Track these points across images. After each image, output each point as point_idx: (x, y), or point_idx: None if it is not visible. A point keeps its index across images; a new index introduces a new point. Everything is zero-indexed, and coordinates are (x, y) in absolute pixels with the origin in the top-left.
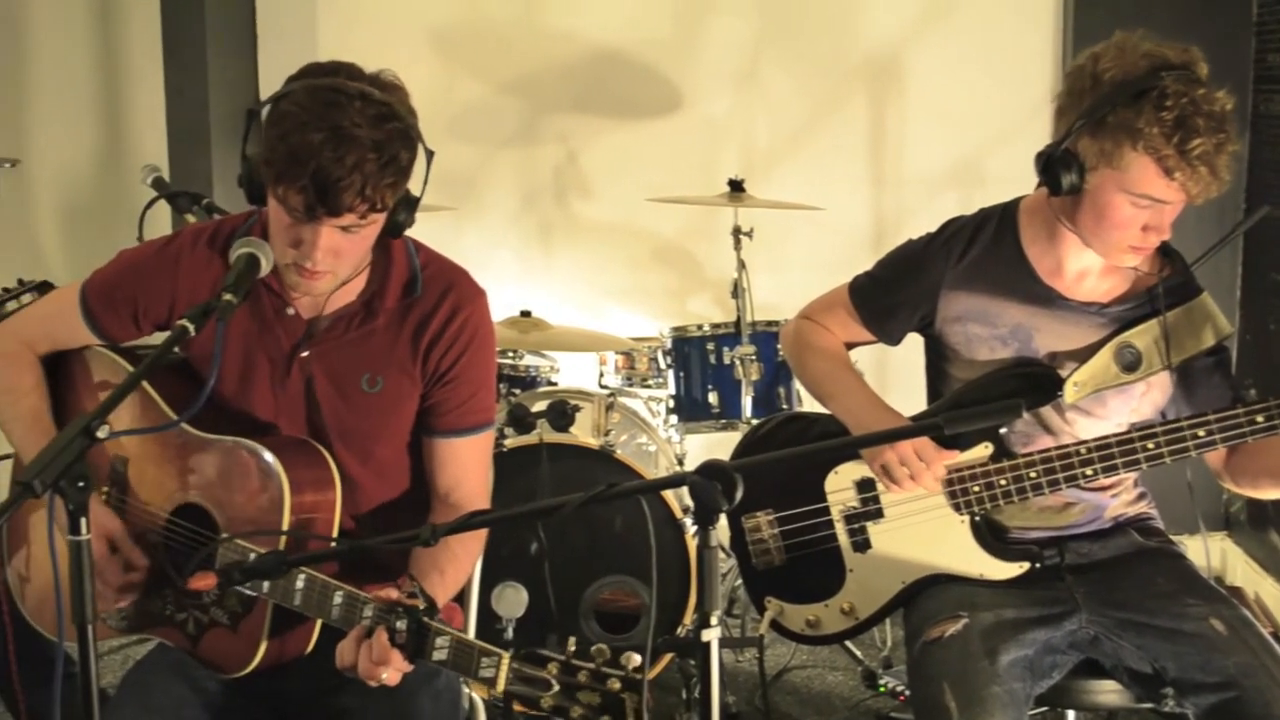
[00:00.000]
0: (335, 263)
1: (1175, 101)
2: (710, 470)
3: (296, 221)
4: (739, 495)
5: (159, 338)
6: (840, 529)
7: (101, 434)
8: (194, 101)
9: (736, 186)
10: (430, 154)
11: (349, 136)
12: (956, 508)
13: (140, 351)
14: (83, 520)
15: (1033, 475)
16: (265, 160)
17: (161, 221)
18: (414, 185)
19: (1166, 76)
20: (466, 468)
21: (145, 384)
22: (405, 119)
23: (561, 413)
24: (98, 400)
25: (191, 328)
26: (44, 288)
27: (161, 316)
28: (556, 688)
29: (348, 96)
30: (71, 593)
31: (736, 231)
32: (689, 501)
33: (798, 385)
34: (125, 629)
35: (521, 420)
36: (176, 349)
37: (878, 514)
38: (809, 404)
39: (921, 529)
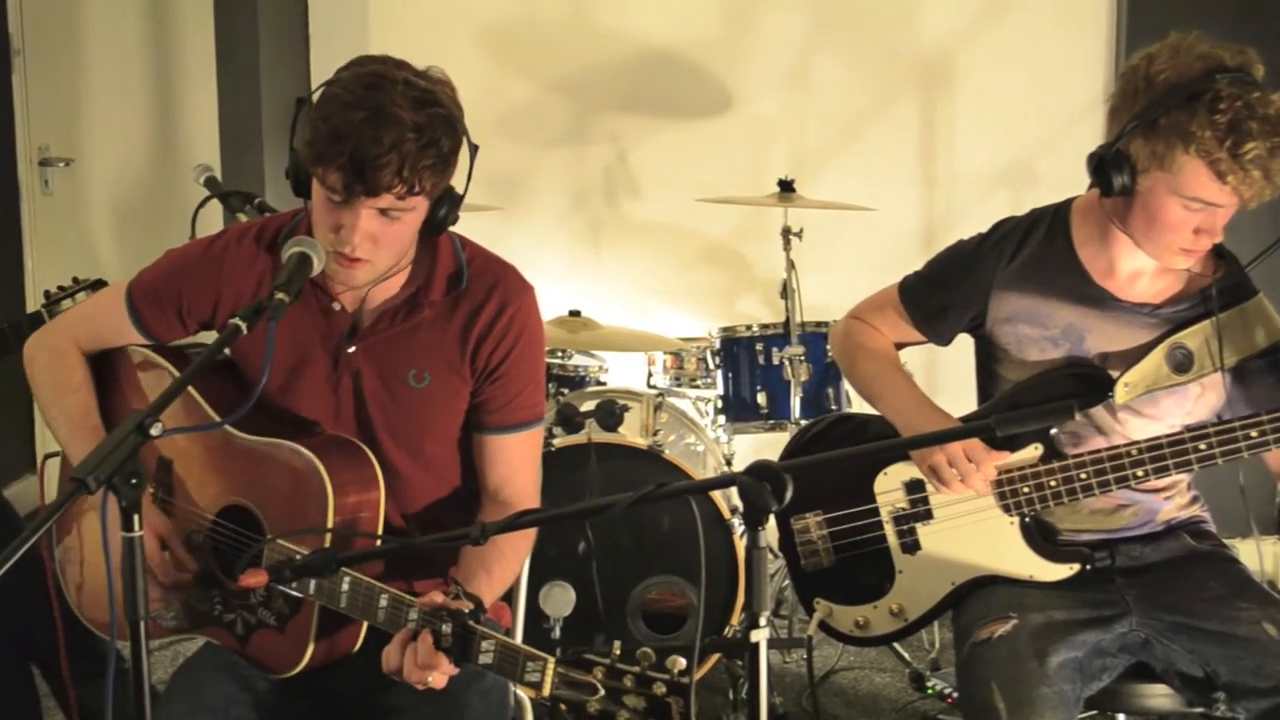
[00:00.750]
0: (374, 250)
1: (1229, 105)
2: (760, 471)
3: (336, 205)
4: (789, 496)
5: (205, 338)
6: (889, 530)
7: (155, 431)
8: (246, 101)
9: (786, 186)
10: (474, 148)
11: (389, 116)
12: (1006, 509)
13: (189, 351)
14: (135, 517)
15: (1083, 476)
16: (308, 142)
17: (214, 220)
18: (458, 182)
19: (1221, 79)
20: (516, 464)
21: (191, 387)
22: (448, 107)
23: (610, 412)
24: (142, 398)
25: (244, 326)
26: (97, 286)
27: (206, 314)
28: (602, 692)
29: (390, 81)
30: (124, 589)
31: (786, 232)
32: (737, 502)
33: (847, 386)
34: (176, 628)
35: (570, 420)
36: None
37: (927, 515)
38: (858, 405)
39: (971, 530)
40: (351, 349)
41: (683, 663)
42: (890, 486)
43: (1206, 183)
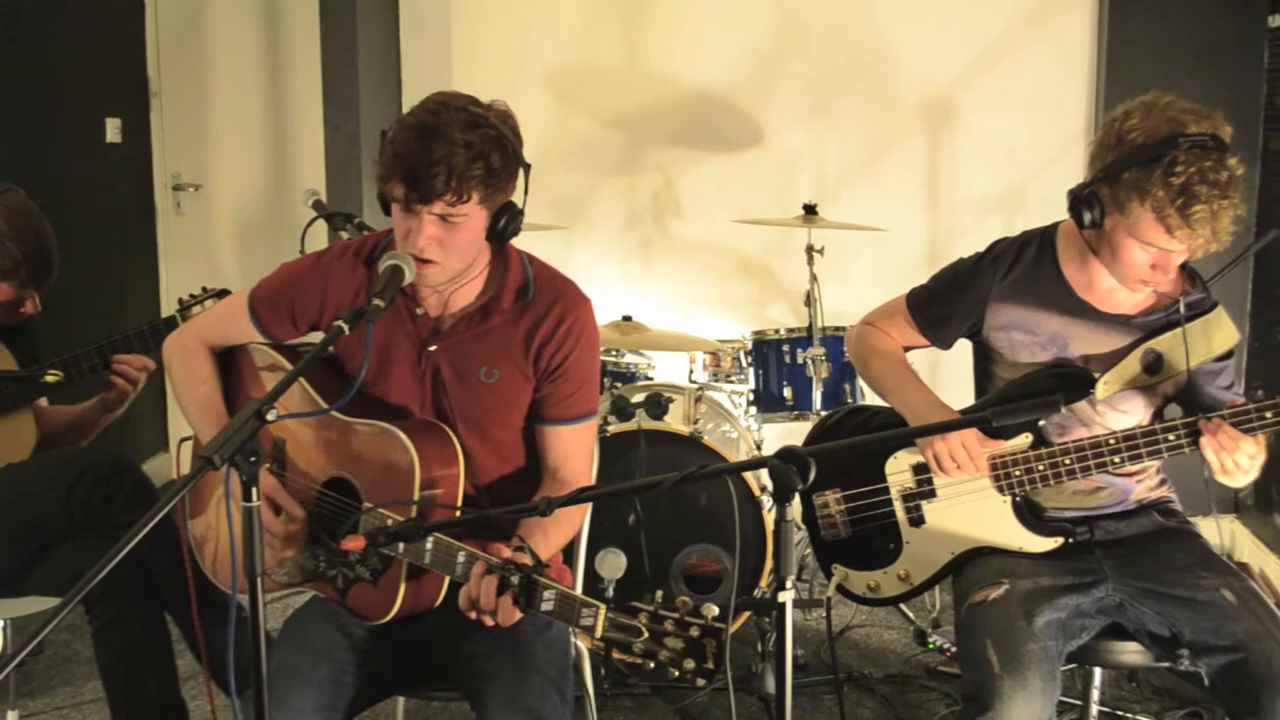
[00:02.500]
0: (441, 252)
1: (1184, 170)
2: (787, 455)
3: (405, 214)
4: (812, 477)
5: (313, 337)
6: (898, 507)
7: (270, 416)
8: (347, 135)
9: (810, 210)
10: (527, 167)
11: (441, 135)
12: (1000, 489)
13: (300, 348)
14: (253, 490)
15: (1067, 462)
16: (381, 163)
17: (320, 238)
18: (519, 199)
19: (1182, 144)
20: (572, 450)
21: (301, 378)
22: (500, 129)
23: (657, 403)
24: (260, 388)
25: (346, 328)
26: (223, 294)
27: (314, 317)
28: (646, 634)
29: (449, 108)
30: (244, 550)
31: (809, 249)
32: (767, 482)
33: (861, 382)
34: (286, 583)
35: (622, 410)
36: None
37: (931, 494)
38: (870, 398)
39: (969, 507)
40: (433, 347)
41: (715, 609)
42: (899, 469)
43: (1158, 233)
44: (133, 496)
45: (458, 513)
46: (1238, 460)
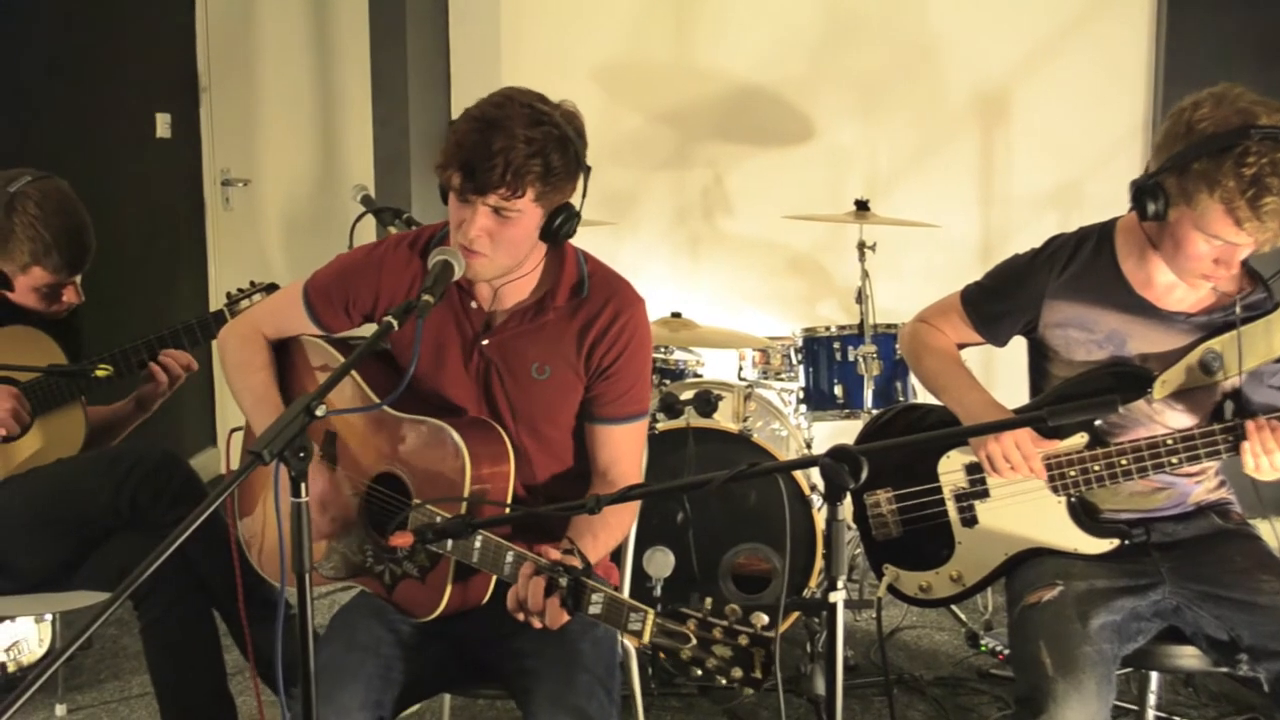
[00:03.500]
0: (491, 245)
1: (1256, 161)
2: (839, 453)
3: (459, 204)
4: (864, 476)
5: (366, 328)
6: (951, 506)
7: (320, 412)
8: (396, 130)
9: (862, 206)
10: (587, 169)
11: (502, 128)
12: (1054, 489)
13: (351, 341)
14: (302, 485)
15: (1124, 462)
16: (442, 151)
17: (368, 233)
18: (577, 201)
19: (1254, 135)
20: (622, 449)
21: (354, 372)
22: (564, 129)
23: (706, 401)
24: (313, 379)
25: (395, 323)
26: (271, 289)
27: (368, 308)
28: (694, 641)
29: (514, 103)
30: (292, 546)
31: (861, 245)
32: (817, 480)
33: (913, 380)
34: (334, 577)
35: (671, 407)
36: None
37: (984, 494)
38: (923, 396)
39: (1023, 508)
40: (485, 342)
41: (765, 618)
42: (952, 468)
43: (1226, 225)
44: (181, 492)
45: (506, 510)
46: (1274, 461)
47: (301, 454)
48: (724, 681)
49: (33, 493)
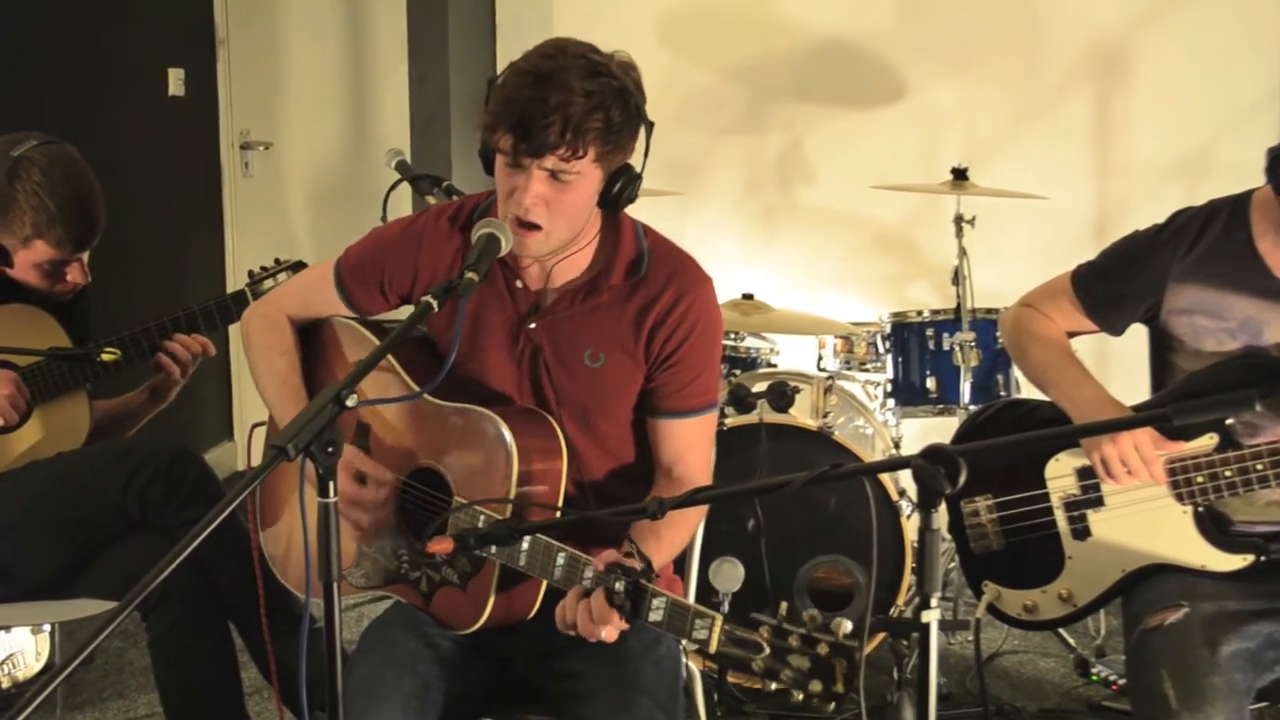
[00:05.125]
0: (547, 215)
1: None
2: (934, 454)
3: (510, 170)
4: (962, 480)
5: (404, 311)
6: (1060, 516)
7: (350, 402)
8: (435, 89)
9: (959, 174)
10: (649, 125)
11: (558, 82)
12: (1179, 498)
13: (386, 324)
14: (331, 484)
15: (1259, 468)
16: (487, 110)
17: (404, 203)
18: (638, 163)
19: None
20: (689, 446)
21: (389, 355)
22: (623, 80)
23: (781, 394)
24: (344, 366)
25: (436, 304)
26: (298, 267)
27: (405, 288)
28: (767, 650)
29: (567, 54)
30: (319, 551)
31: (958, 219)
32: (907, 484)
33: (1016, 372)
34: (365, 585)
35: (742, 400)
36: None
37: (1098, 502)
38: (1028, 391)
39: (1143, 518)
40: (533, 325)
41: (848, 625)
42: (1061, 472)
43: None
44: (195, 491)
45: (558, 513)
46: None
47: (330, 449)
48: (800, 696)
49: (31, 489)
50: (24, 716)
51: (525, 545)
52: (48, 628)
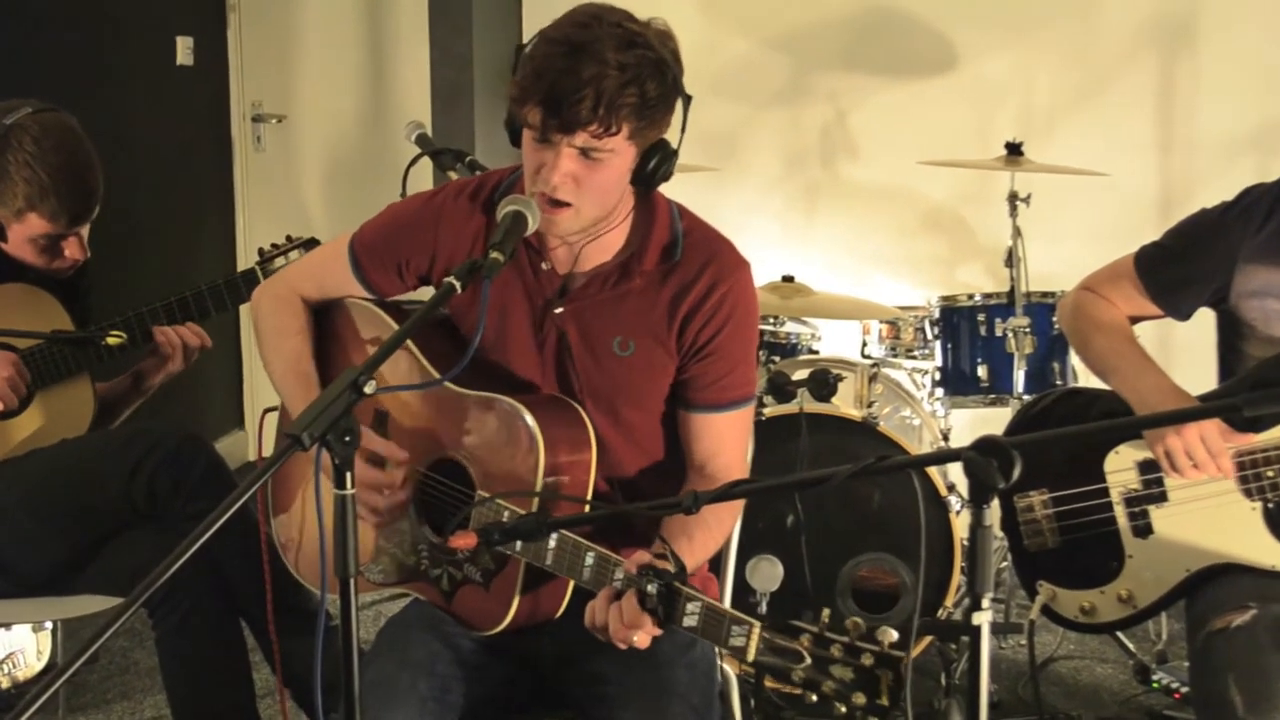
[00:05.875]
0: (577, 193)
1: None
2: (987, 446)
3: (538, 145)
4: (1017, 473)
5: (424, 293)
6: (1120, 511)
7: (368, 389)
8: (458, 58)
9: (1014, 149)
10: (687, 98)
11: (591, 53)
12: (1248, 493)
13: (405, 306)
14: (348, 475)
15: None
16: (514, 82)
17: (424, 179)
18: (674, 138)
19: None
20: (724, 440)
21: (409, 340)
22: (659, 51)
23: (823, 382)
24: (359, 350)
25: (458, 285)
26: (310, 245)
27: (423, 269)
28: (808, 660)
29: (601, 22)
30: (335, 546)
31: (1013, 197)
32: (956, 478)
33: (1074, 359)
34: (383, 582)
35: (781, 389)
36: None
37: (1161, 497)
38: (1087, 380)
39: (1209, 515)
40: (559, 310)
41: (894, 634)
42: (1122, 466)
43: None
44: (204, 480)
45: (586, 507)
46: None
47: (347, 438)
48: (843, 709)
49: (32, 478)
50: (25, 719)
51: (553, 543)
52: (49, 625)
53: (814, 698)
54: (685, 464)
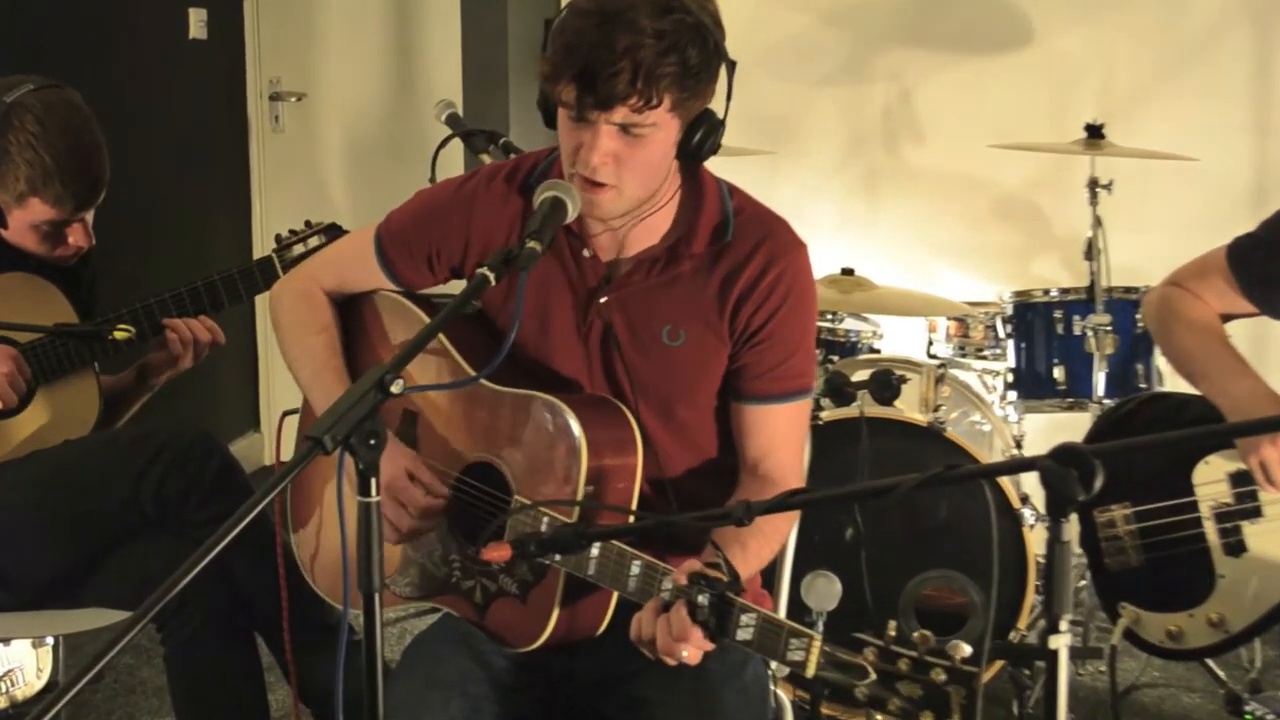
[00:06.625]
0: (618, 173)
1: None
2: (1066, 454)
3: (575, 125)
4: (1098, 484)
5: (455, 285)
6: (1210, 528)
7: (395, 389)
8: (491, 32)
9: (1094, 132)
10: (731, 65)
11: (625, 21)
12: None
13: (436, 299)
14: (373, 481)
15: None
16: (545, 59)
17: (455, 162)
18: (718, 108)
19: None
20: (779, 437)
21: (440, 335)
22: (698, 15)
23: (885, 384)
24: (387, 347)
25: (493, 277)
26: (331, 232)
27: (455, 260)
28: (873, 675)
29: None
30: (359, 557)
31: (1093, 184)
32: (1031, 489)
33: (1159, 361)
34: (411, 595)
35: (840, 390)
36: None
37: (1255, 512)
38: (1174, 383)
39: None
40: (603, 299)
41: (966, 649)
42: (1212, 477)
43: None
44: (218, 484)
45: (631, 517)
46: None
47: (373, 441)
48: None
49: (33, 482)
50: None
51: (595, 552)
52: (51, 640)
53: (878, 717)
54: (738, 463)
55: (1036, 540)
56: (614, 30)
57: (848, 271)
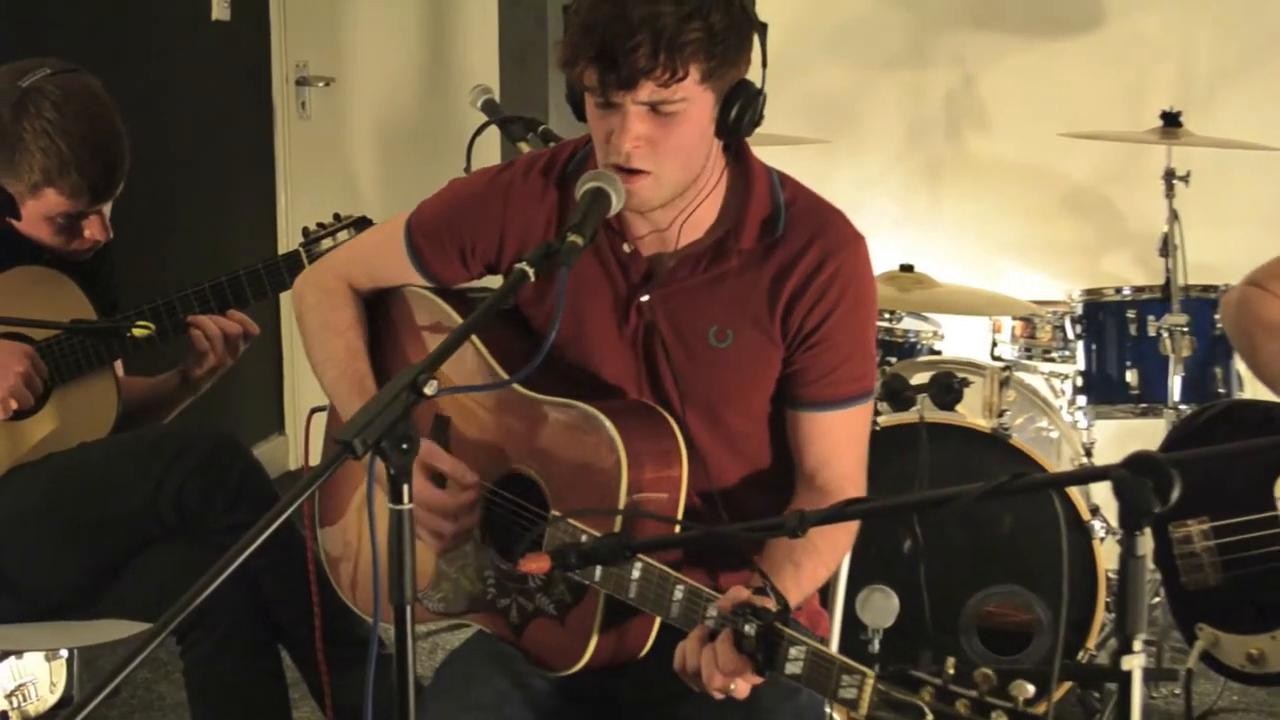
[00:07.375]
0: (654, 158)
1: None
2: (1141, 463)
3: (602, 111)
4: (1175, 495)
5: (490, 281)
6: None
7: (429, 390)
8: (530, 14)
9: (1171, 120)
10: (763, 27)
11: None
12: None
13: (470, 295)
14: (405, 487)
15: None
16: (564, 44)
17: (491, 151)
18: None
19: None
20: (837, 445)
21: (474, 335)
22: None
23: (947, 387)
24: (418, 347)
25: (531, 273)
26: (361, 224)
27: (490, 255)
28: (930, 716)
29: None
30: (391, 568)
31: (1169, 175)
32: (1101, 500)
33: (1240, 364)
34: (443, 611)
35: (898, 394)
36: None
37: None
38: (1254, 389)
39: None
40: (645, 298)
41: (1030, 689)
42: None
43: None
44: (241, 489)
45: (676, 528)
46: None
47: (405, 445)
48: None
49: (48, 486)
50: None
51: (637, 573)
52: (65, 654)
53: None
54: (793, 476)
55: (1107, 554)
56: (629, 2)
57: (907, 268)
